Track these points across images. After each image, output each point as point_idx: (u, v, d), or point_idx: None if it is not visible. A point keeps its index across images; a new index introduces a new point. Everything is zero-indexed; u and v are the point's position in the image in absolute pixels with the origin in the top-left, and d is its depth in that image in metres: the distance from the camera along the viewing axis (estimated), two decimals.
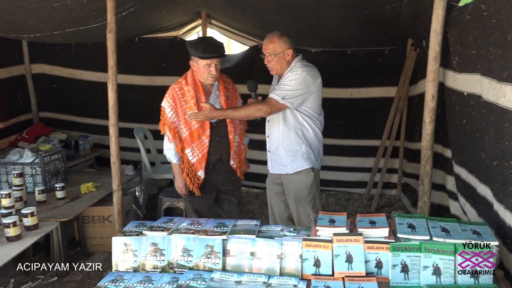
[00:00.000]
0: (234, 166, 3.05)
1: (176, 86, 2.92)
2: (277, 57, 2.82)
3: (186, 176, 2.95)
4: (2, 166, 3.79)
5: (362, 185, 5.35)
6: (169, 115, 2.92)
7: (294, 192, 2.96)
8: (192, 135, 2.88)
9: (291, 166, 2.92)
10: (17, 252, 2.66)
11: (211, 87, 2.94)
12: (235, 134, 2.98)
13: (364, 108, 5.17)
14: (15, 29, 4.31)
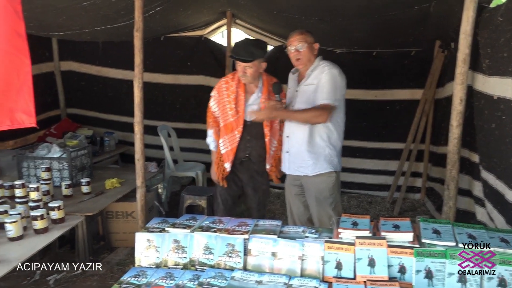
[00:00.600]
0: (269, 169, 3.11)
1: (224, 80, 3.12)
2: (307, 47, 2.83)
3: (216, 165, 3.12)
4: (31, 160, 3.89)
5: (385, 188, 5.28)
6: (211, 104, 3.16)
7: (315, 193, 2.94)
8: (226, 127, 3.04)
9: (313, 168, 2.89)
10: (44, 244, 2.73)
11: (255, 87, 3.04)
12: (273, 139, 3.06)
13: (388, 110, 5.10)
14: (45, 27, 4.42)
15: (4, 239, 2.74)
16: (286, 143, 3.01)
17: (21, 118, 1.59)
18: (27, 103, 1.57)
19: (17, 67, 1.53)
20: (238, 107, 2.99)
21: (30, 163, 3.90)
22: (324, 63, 2.87)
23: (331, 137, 2.88)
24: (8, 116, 1.57)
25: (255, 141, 3.06)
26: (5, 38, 1.49)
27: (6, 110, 1.56)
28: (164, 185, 4.67)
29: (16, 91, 1.55)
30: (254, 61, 2.92)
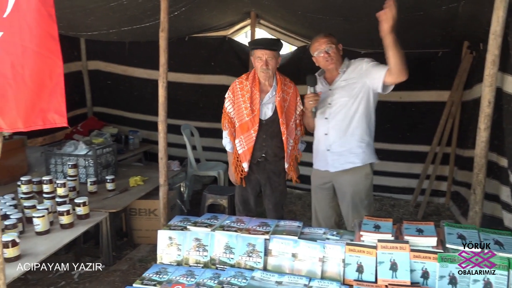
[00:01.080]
0: (287, 168, 3.13)
1: (238, 80, 3.14)
2: (335, 47, 2.87)
3: (233, 166, 3.14)
4: (59, 157, 4.00)
5: (409, 192, 5.19)
6: (226, 105, 3.16)
7: (351, 195, 2.89)
8: (242, 127, 3.05)
9: (363, 157, 2.86)
10: (69, 239, 2.80)
11: (270, 86, 3.06)
12: (289, 137, 3.06)
13: (413, 112, 5.01)
14: (74, 27, 4.53)
15: (32, 233, 2.82)
16: (324, 140, 2.94)
17: (53, 118, 1.63)
18: (59, 103, 1.62)
19: (50, 68, 1.58)
20: (253, 106, 3.00)
21: (57, 159, 4.01)
22: (356, 59, 2.93)
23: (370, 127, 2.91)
24: (41, 116, 1.61)
25: (270, 140, 3.07)
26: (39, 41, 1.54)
27: (38, 111, 1.61)
28: (186, 184, 4.72)
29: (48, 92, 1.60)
30: (277, 52, 3.00)
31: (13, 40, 1.53)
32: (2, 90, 1.56)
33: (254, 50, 2.99)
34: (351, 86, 2.86)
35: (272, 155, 3.10)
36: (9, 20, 1.52)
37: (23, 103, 1.57)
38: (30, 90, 1.56)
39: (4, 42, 1.54)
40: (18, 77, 1.54)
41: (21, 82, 1.55)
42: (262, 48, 2.96)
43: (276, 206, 3.24)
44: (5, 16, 1.52)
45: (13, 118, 1.59)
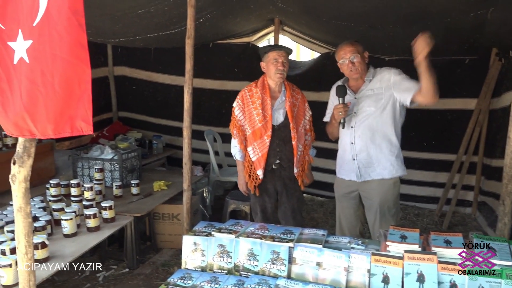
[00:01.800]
0: (296, 174, 3.08)
1: (246, 88, 3.16)
2: (361, 56, 2.84)
3: (247, 174, 3.12)
4: (85, 161, 4.09)
5: (433, 201, 5.09)
6: (236, 113, 3.17)
7: (379, 203, 2.86)
8: (255, 134, 3.05)
9: (390, 170, 2.84)
10: (96, 242, 2.85)
11: (279, 92, 3.08)
12: (299, 142, 3.06)
13: (439, 120, 4.93)
14: (102, 34, 4.64)
15: (60, 235, 2.89)
16: (350, 150, 2.92)
17: (80, 125, 1.65)
18: (86, 111, 1.64)
19: (79, 76, 1.60)
20: (265, 112, 3.01)
21: (84, 163, 4.10)
22: (383, 68, 2.90)
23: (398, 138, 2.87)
24: (69, 124, 1.64)
25: (284, 145, 3.06)
26: (69, 49, 1.56)
27: (67, 118, 1.63)
28: (209, 189, 4.75)
29: (76, 100, 1.62)
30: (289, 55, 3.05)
31: (43, 48, 1.56)
32: (34, 98, 1.59)
33: (269, 53, 3.00)
34: (377, 96, 2.83)
35: (286, 160, 3.09)
36: (38, 29, 1.55)
37: (52, 110, 1.59)
38: (59, 97, 1.58)
39: (34, 50, 1.57)
40: (48, 85, 1.57)
41: (51, 89, 1.57)
42: (278, 49, 3.00)
43: (294, 213, 3.21)
44: (35, 24, 1.55)
45: (44, 125, 1.62)
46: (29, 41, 1.57)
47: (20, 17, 1.59)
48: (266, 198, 3.16)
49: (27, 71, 1.59)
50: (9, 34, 1.61)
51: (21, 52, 1.59)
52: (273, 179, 3.13)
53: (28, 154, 1.72)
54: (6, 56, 1.62)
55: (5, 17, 1.61)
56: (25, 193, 1.75)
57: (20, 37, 1.59)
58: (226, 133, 5.70)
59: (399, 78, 2.81)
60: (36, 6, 1.55)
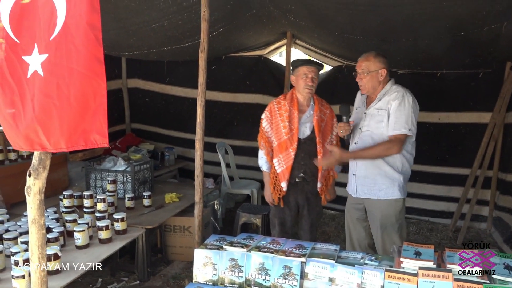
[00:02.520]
0: (319, 188, 3.09)
1: (275, 100, 3.18)
2: (369, 75, 2.80)
3: (272, 185, 3.13)
4: (98, 172, 4.12)
5: (447, 216, 5.02)
6: (263, 125, 3.18)
7: (381, 218, 2.85)
8: (280, 146, 3.07)
9: (385, 192, 2.82)
10: (108, 254, 2.85)
11: (307, 106, 3.11)
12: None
13: (453, 134, 4.88)
14: (117, 47, 4.72)
15: (72, 246, 2.90)
16: (352, 165, 2.97)
17: (95, 138, 1.66)
18: (101, 124, 1.65)
19: (94, 90, 1.61)
20: (292, 125, 3.03)
21: (97, 174, 4.13)
22: (397, 88, 2.80)
23: (404, 164, 2.81)
24: (83, 137, 1.65)
25: (309, 159, 3.07)
26: (85, 63, 1.58)
27: (81, 131, 1.64)
28: (220, 202, 4.75)
29: (92, 113, 1.63)
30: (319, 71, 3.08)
31: (59, 62, 1.58)
32: (47, 111, 1.60)
33: (299, 67, 3.01)
34: (379, 117, 2.80)
35: (310, 174, 3.10)
36: (55, 43, 1.57)
37: (66, 123, 1.60)
38: (74, 110, 1.59)
39: (50, 64, 1.59)
40: (63, 98, 1.58)
41: (66, 103, 1.58)
42: (309, 65, 3.01)
43: (311, 228, 3.23)
44: (51, 39, 1.58)
45: (57, 138, 1.63)
46: (44, 55, 1.59)
47: (36, 31, 1.62)
48: (286, 210, 3.16)
49: (41, 84, 1.60)
50: (24, 48, 1.64)
51: (36, 66, 1.61)
52: (296, 192, 3.13)
53: (43, 166, 1.74)
54: (19, 70, 1.65)
55: (21, 31, 1.64)
56: (40, 205, 1.77)
57: (35, 51, 1.61)
58: (238, 146, 5.74)
59: (395, 108, 2.72)
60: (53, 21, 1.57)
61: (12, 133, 1.70)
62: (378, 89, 2.84)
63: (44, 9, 1.59)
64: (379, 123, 2.79)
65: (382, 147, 2.72)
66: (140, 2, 3.15)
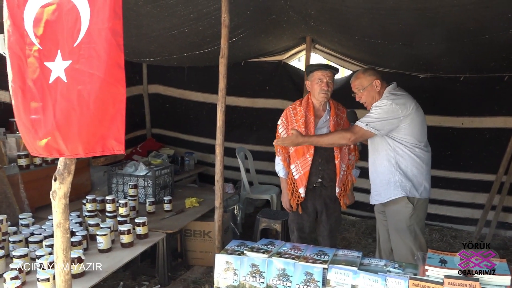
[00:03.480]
0: (338, 193, 3.07)
1: (291, 106, 3.18)
2: (365, 90, 2.91)
3: (290, 191, 3.13)
4: (120, 177, 4.17)
5: (471, 223, 4.90)
6: (280, 131, 3.16)
7: (394, 222, 2.91)
8: (297, 152, 3.06)
9: (384, 194, 2.90)
10: (129, 258, 2.88)
11: (323, 111, 3.10)
12: (342, 162, 3.04)
13: (477, 139, 4.77)
14: (138, 54, 4.78)
15: (95, 250, 2.94)
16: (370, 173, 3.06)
17: (112, 145, 1.66)
18: (118, 130, 1.65)
19: (114, 96, 1.62)
20: (308, 130, 3.01)
21: (119, 179, 4.18)
22: (387, 94, 2.88)
23: (400, 162, 2.83)
24: (100, 143, 1.65)
25: (326, 164, 3.06)
26: (106, 69, 1.58)
27: (98, 137, 1.64)
28: (239, 207, 4.75)
29: (110, 119, 1.63)
30: (334, 76, 3.10)
31: (82, 68, 1.59)
32: (67, 116, 1.61)
33: (314, 72, 3.01)
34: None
35: (328, 179, 3.08)
36: (78, 49, 1.59)
37: (85, 129, 1.61)
38: (93, 116, 1.60)
39: (73, 70, 1.61)
40: (84, 104, 1.59)
41: (86, 108, 1.59)
42: (324, 69, 3.01)
43: (331, 233, 3.20)
44: (75, 45, 1.60)
45: (75, 144, 1.63)
46: (68, 61, 1.61)
47: (60, 38, 1.64)
48: (305, 216, 3.14)
49: (63, 90, 1.61)
50: (47, 54, 1.66)
51: (59, 72, 1.62)
52: (314, 198, 3.12)
53: (68, 171, 1.77)
54: (42, 76, 1.67)
55: (45, 38, 1.66)
56: (65, 209, 1.79)
57: (59, 58, 1.63)
58: (257, 151, 5.73)
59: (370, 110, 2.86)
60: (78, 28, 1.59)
61: (30, 139, 1.71)
62: (376, 99, 2.91)
63: (68, 16, 1.62)
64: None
65: (337, 135, 2.84)
66: (162, 9, 3.18)
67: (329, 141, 2.84)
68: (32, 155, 1.76)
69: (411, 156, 2.83)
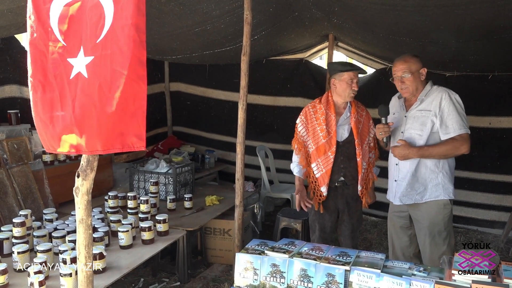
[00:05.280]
0: (360, 192, 3.02)
1: (310, 104, 3.13)
2: (412, 75, 2.74)
3: (311, 190, 3.07)
4: (141, 174, 4.20)
5: (498, 226, 4.75)
6: (299, 129, 3.12)
7: (428, 226, 2.76)
8: (318, 150, 3.01)
9: (423, 194, 2.76)
10: (150, 255, 2.90)
11: (343, 109, 3.05)
12: (363, 160, 2.99)
13: (505, 139, 4.63)
14: (161, 51, 4.81)
15: (116, 246, 2.97)
16: (394, 171, 2.92)
17: (132, 141, 1.64)
18: (139, 127, 1.64)
19: (135, 92, 1.61)
20: (329, 128, 2.97)
21: (140, 176, 4.22)
22: (439, 88, 2.76)
23: (444, 163, 2.73)
24: (120, 140, 1.63)
25: (348, 162, 3.01)
26: (128, 65, 1.58)
27: (117, 134, 1.63)
28: (259, 205, 4.73)
29: (130, 115, 1.62)
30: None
31: (104, 63, 1.59)
32: (87, 112, 1.61)
33: (345, 72, 2.94)
34: (424, 119, 2.74)
35: (350, 177, 3.03)
36: (101, 45, 1.59)
37: (105, 125, 1.61)
38: (113, 112, 1.59)
39: (94, 65, 1.61)
40: (104, 99, 1.59)
41: (106, 104, 1.58)
42: (356, 70, 2.97)
43: (353, 233, 3.15)
44: (98, 41, 1.60)
45: (94, 140, 1.63)
46: (90, 57, 1.61)
47: (83, 34, 1.64)
48: (326, 216, 3.09)
49: (83, 85, 1.61)
50: (70, 51, 1.67)
51: (80, 68, 1.63)
52: (336, 197, 3.07)
53: (91, 167, 1.78)
54: (63, 72, 1.67)
55: (69, 34, 1.67)
56: (87, 205, 1.81)
57: (81, 54, 1.63)
58: (278, 149, 5.70)
59: (448, 109, 2.68)
60: (102, 24, 1.60)
61: (47, 134, 1.72)
62: (419, 90, 2.79)
63: (91, 12, 1.62)
64: (423, 125, 2.73)
65: (451, 146, 2.65)
66: (184, 6, 3.18)
67: (444, 152, 2.68)
68: (48, 152, 1.76)
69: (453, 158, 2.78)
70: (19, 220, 2.80)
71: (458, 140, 2.65)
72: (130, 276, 3.56)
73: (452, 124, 2.66)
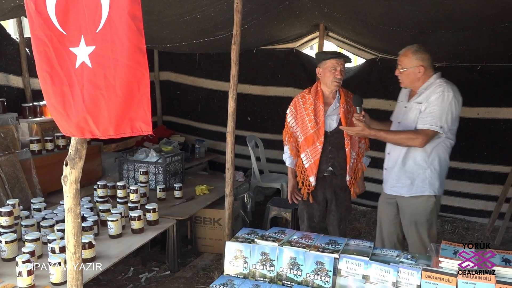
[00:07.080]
0: (348, 182, 3.03)
1: (300, 95, 3.13)
2: (405, 72, 2.75)
3: (300, 181, 3.09)
4: (131, 163, 4.18)
5: (484, 215, 4.84)
6: (289, 120, 3.13)
7: (410, 216, 2.81)
8: (307, 140, 3.02)
9: (409, 189, 2.78)
10: (139, 244, 2.90)
11: (333, 99, 3.04)
12: (352, 150, 3.00)
13: (492, 130, 4.69)
14: (150, 40, 4.75)
15: (106, 235, 2.96)
16: (386, 160, 2.96)
17: (140, 126, 1.69)
18: (145, 112, 1.68)
19: (138, 79, 1.64)
20: (318, 118, 2.97)
21: (129, 165, 4.20)
22: (440, 83, 2.70)
23: (434, 159, 2.72)
24: (129, 125, 1.69)
25: (336, 152, 3.02)
26: (129, 54, 1.59)
27: (127, 120, 1.68)
28: (249, 195, 4.74)
29: (136, 102, 1.66)
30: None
31: (105, 53, 1.60)
32: (96, 100, 1.64)
33: (328, 60, 2.93)
34: (416, 112, 2.73)
35: (339, 168, 3.05)
36: (101, 35, 1.59)
37: (114, 112, 1.64)
38: (121, 100, 1.62)
39: (97, 55, 1.62)
40: (110, 88, 1.61)
41: (113, 92, 1.62)
42: (338, 58, 2.95)
43: (340, 223, 3.18)
44: (98, 31, 1.60)
45: (106, 126, 1.67)
46: (91, 47, 1.62)
47: (82, 23, 1.64)
48: (315, 205, 3.12)
49: (89, 75, 1.63)
50: (71, 40, 1.66)
51: (83, 57, 1.64)
52: (324, 187, 3.09)
53: (79, 156, 1.77)
54: (67, 61, 1.68)
55: (67, 23, 1.66)
56: (76, 194, 1.79)
57: (82, 43, 1.64)
58: (268, 139, 5.71)
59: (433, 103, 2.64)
60: (99, 13, 1.59)
61: (63, 121, 1.74)
62: (419, 84, 2.77)
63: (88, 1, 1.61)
64: (415, 118, 2.73)
65: (406, 135, 2.68)
66: None
67: (397, 140, 2.72)
68: (66, 135, 1.79)
69: (444, 153, 2.75)
70: (7, 209, 2.77)
71: (418, 133, 2.63)
72: (119, 265, 3.56)
73: (427, 117, 2.64)
